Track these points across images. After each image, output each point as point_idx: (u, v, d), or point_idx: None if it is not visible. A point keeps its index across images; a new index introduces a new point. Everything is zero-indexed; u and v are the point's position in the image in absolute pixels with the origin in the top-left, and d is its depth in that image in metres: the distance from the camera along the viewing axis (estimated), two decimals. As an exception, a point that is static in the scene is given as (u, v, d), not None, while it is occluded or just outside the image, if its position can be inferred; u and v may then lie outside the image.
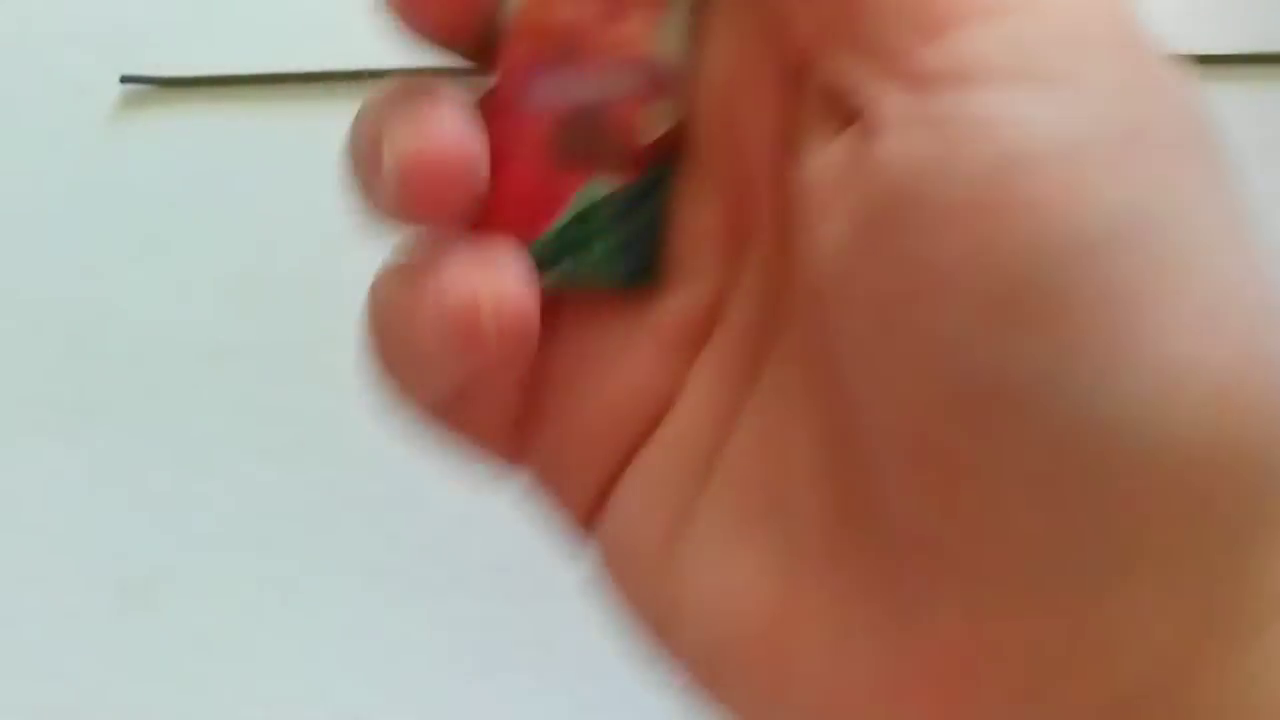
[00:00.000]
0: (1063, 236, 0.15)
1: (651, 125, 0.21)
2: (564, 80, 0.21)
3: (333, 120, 0.38)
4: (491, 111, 0.22)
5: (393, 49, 0.38)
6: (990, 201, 0.15)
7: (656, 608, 0.21)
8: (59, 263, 0.38)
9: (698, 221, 0.21)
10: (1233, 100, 0.36)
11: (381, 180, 0.20)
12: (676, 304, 0.21)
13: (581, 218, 0.21)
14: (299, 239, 0.38)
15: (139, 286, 0.38)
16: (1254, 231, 0.16)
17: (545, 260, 0.21)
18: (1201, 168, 0.16)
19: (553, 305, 0.22)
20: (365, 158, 0.21)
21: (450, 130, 0.20)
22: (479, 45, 0.22)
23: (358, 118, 0.22)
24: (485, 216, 0.22)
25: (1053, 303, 0.15)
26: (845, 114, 0.18)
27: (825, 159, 0.18)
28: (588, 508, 0.22)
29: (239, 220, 0.38)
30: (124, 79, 0.40)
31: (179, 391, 0.37)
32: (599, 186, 0.21)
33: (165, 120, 0.40)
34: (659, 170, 0.21)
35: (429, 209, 0.21)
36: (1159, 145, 0.16)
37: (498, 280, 0.20)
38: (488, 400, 0.22)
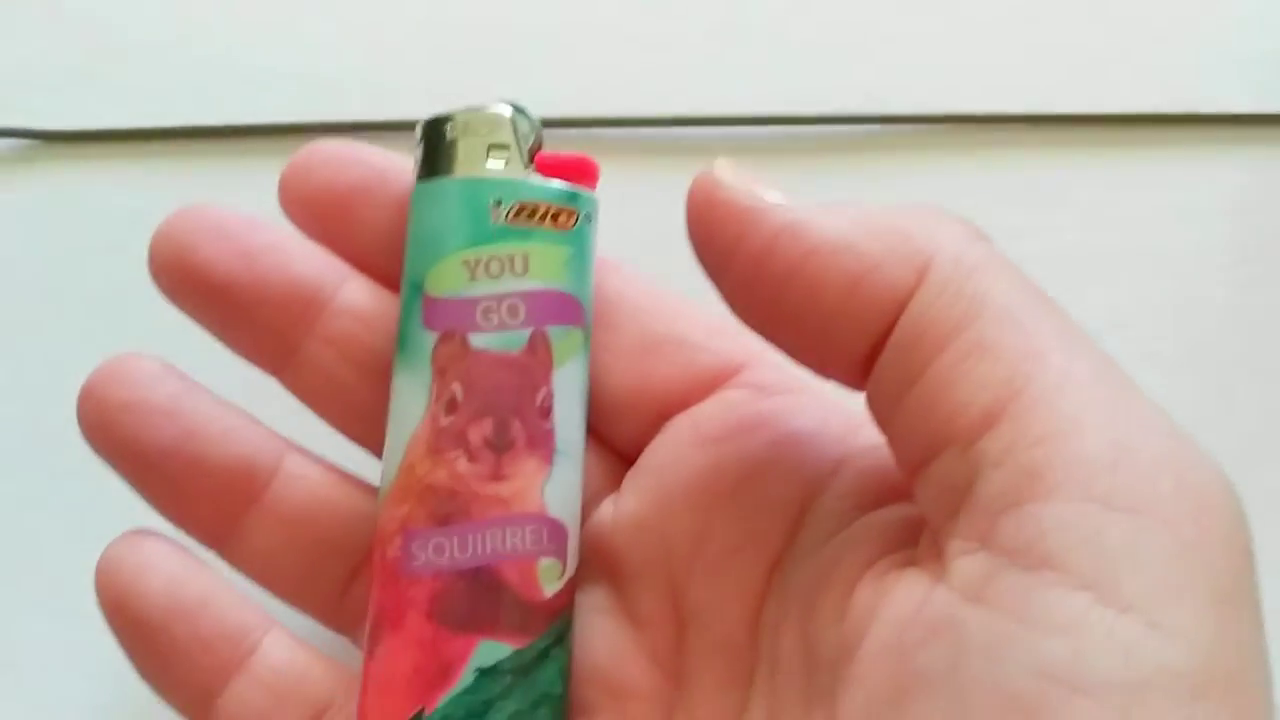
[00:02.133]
0: None
1: (546, 583, 0.21)
2: (450, 540, 0.21)
3: (228, 177, 0.36)
4: (377, 575, 0.22)
5: (300, 102, 0.35)
6: (1033, 700, 0.15)
7: None
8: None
9: (620, 678, 0.22)
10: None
11: None
12: None
13: (480, 683, 0.21)
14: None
15: (5, 362, 0.34)
16: None
17: None
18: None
19: None
20: None
21: None
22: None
23: None
24: (378, 682, 0.22)
25: None
26: (905, 542, 0.19)
27: (896, 602, 0.18)
28: None
29: (132, 295, 0.34)
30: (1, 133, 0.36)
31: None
32: (495, 649, 0.21)
33: (46, 179, 0.36)
34: (556, 628, 0.21)
35: None
36: (1229, 705, 0.15)
37: None
38: None
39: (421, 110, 0.34)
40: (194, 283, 0.25)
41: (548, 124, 0.25)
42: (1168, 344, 0.34)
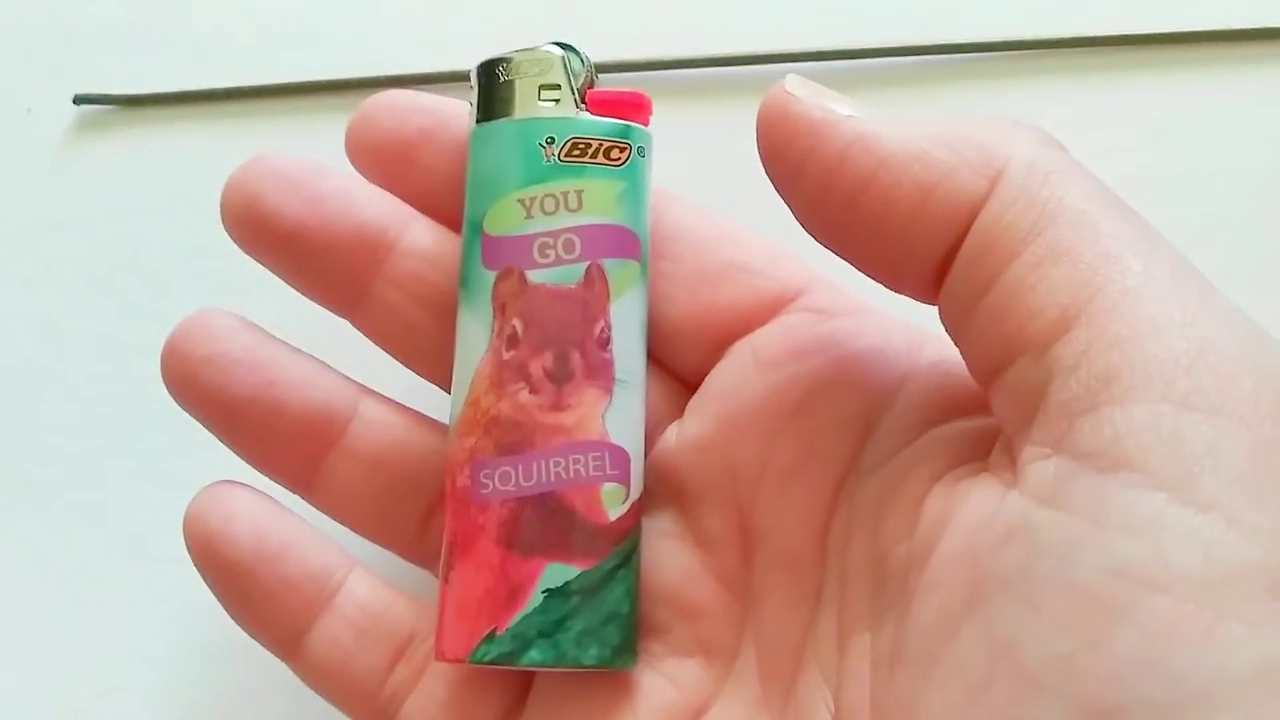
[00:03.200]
0: (1186, 670, 0.14)
1: (611, 506, 0.22)
2: (516, 469, 0.22)
3: (302, 134, 0.36)
4: (449, 504, 0.23)
5: (364, 57, 0.36)
6: (1116, 601, 0.15)
7: None
8: (9, 296, 0.36)
9: (689, 597, 0.23)
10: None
11: None
12: (661, 696, 0.22)
13: (549, 604, 0.22)
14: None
15: (94, 321, 0.35)
16: None
17: (517, 646, 0.22)
18: None
19: (531, 677, 0.24)
20: None
21: None
22: None
23: None
24: (452, 605, 0.23)
25: None
26: (974, 454, 0.19)
27: (969, 509, 0.18)
28: None
29: (211, 255, 0.35)
30: (78, 99, 0.37)
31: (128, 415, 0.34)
32: (562, 571, 0.22)
33: (126, 144, 0.37)
34: (622, 550, 0.22)
35: None
36: None
37: None
38: None
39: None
40: (264, 230, 0.25)
41: (602, 69, 0.25)
42: (1242, 262, 0.33)
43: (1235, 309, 0.17)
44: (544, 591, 0.22)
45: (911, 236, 0.19)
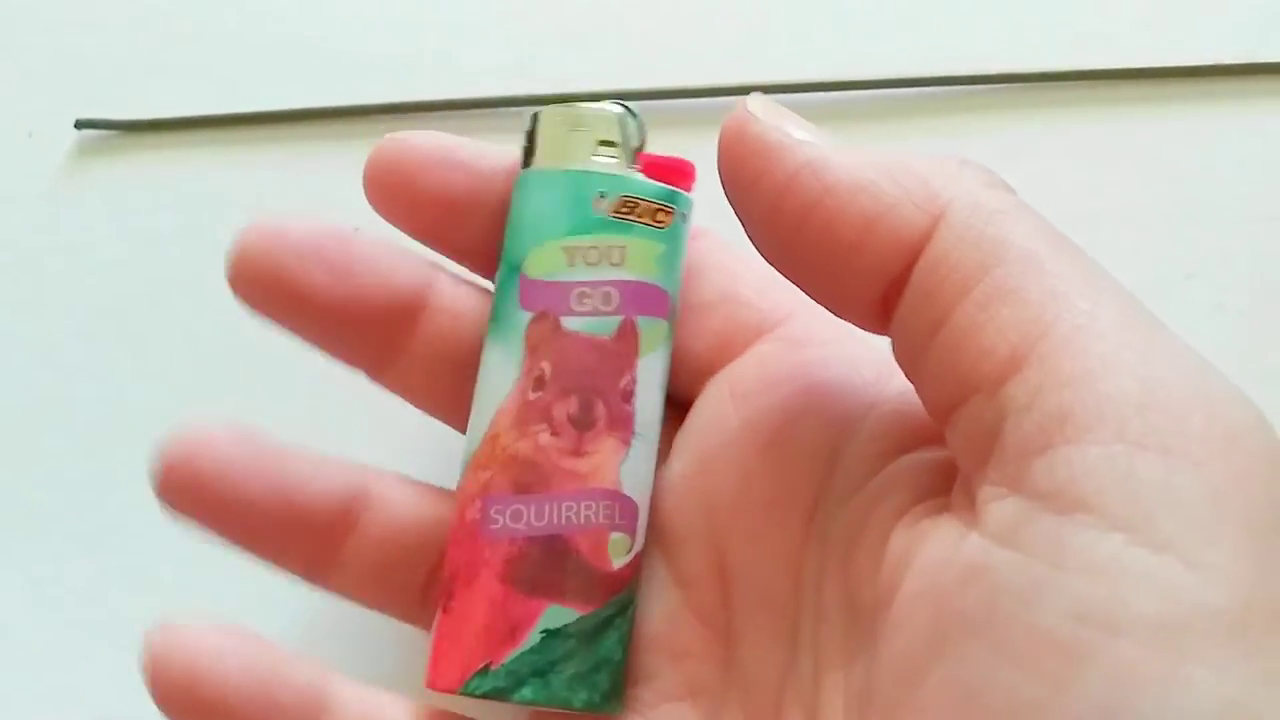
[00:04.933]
0: (1148, 715, 0.14)
1: (615, 555, 0.22)
2: (527, 508, 0.22)
3: (305, 161, 0.36)
4: (454, 534, 0.24)
5: (370, 85, 0.36)
6: (1071, 643, 0.15)
7: None
8: (8, 318, 0.36)
9: (674, 639, 0.23)
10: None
11: None
12: None
13: (545, 644, 0.22)
14: None
15: (95, 345, 0.35)
16: None
17: (510, 683, 0.22)
18: None
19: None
20: None
21: None
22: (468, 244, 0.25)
23: None
24: (449, 634, 0.23)
25: None
26: (937, 488, 0.19)
27: (931, 549, 0.18)
28: None
29: (209, 280, 0.35)
30: (79, 124, 0.37)
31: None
32: (561, 613, 0.22)
33: (125, 169, 0.37)
34: (621, 599, 0.22)
35: None
36: (1271, 643, 0.15)
37: None
38: None
39: (493, 89, 0.35)
40: (287, 300, 0.25)
41: (617, 96, 0.25)
42: (1237, 295, 0.34)
43: (1185, 346, 0.18)
44: (543, 631, 0.22)
45: (855, 266, 0.19)
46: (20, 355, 0.36)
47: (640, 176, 0.23)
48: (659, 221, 0.23)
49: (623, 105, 0.24)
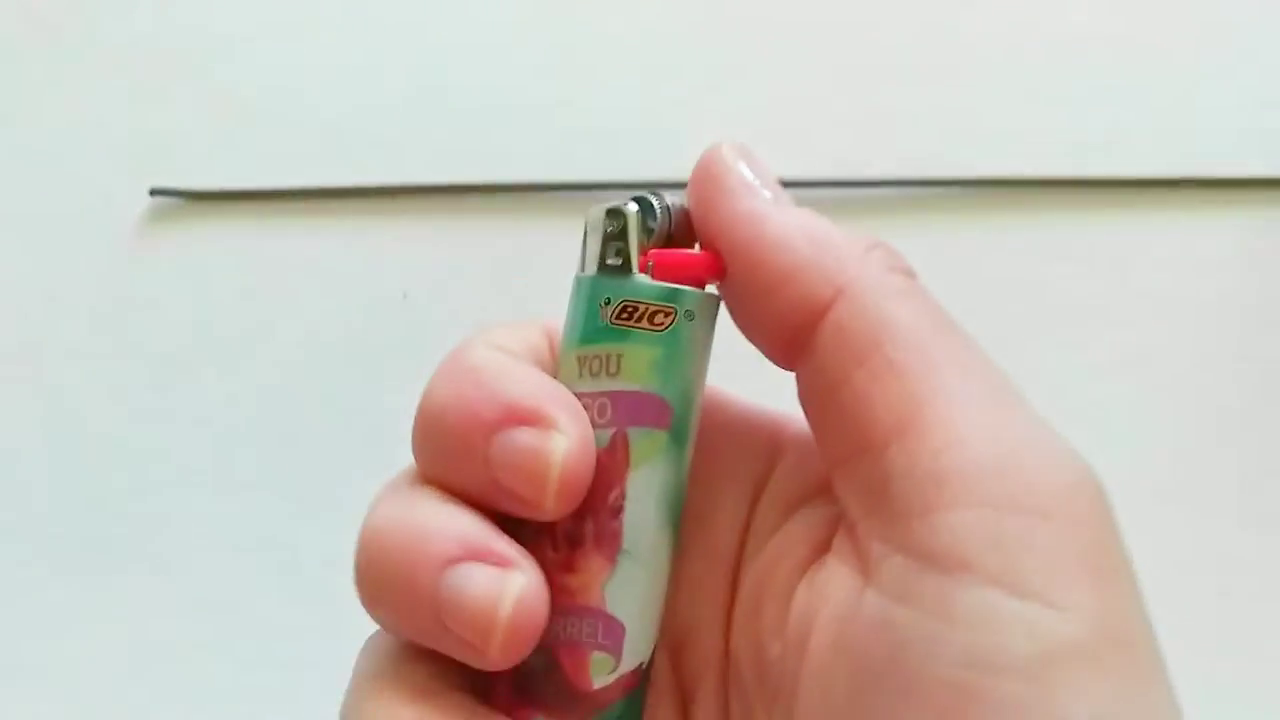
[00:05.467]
0: None
1: (596, 675, 0.22)
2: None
3: (365, 235, 0.41)
4: None
5: (424, 165, 0.40)
6: (965, 689, 0.18)
7: None
8: (87, 376, 0.40)
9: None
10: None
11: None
12: None
13: None
14: (329, 358, 0.40)
15: (157, 411, 0.40)
16: None
17: None
18: (1150, 674, 0.19)
19: None
20: None
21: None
22: None
23: None
24: None
25: None
26: (833, 536, 0.21)
27: (832, 607, 0.20)
28: None
29: (268, 338, 0.40)
30: (153, 192, 0.41)
31: (198, 508, 0.39)
32: None
33: (194, 234, 0.41)
34: (609, 712, 0.22)
35: None
36: (1124, 659, 0.18)
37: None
38: None
39: (528, 174, 0.39)
40: None
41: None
42: (1178, 381, 0.38)
43: (1036, 415, 0.20)
44: None
45: (768, 308, 0.21)
46: (92, 398, 0.40)
47: (643, 278, 0.22)
48: (656, 324, 0.22)
49: (641, 200, 0.22)
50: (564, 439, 0.21)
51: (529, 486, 0.21)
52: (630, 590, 0.22)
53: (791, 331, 0.21)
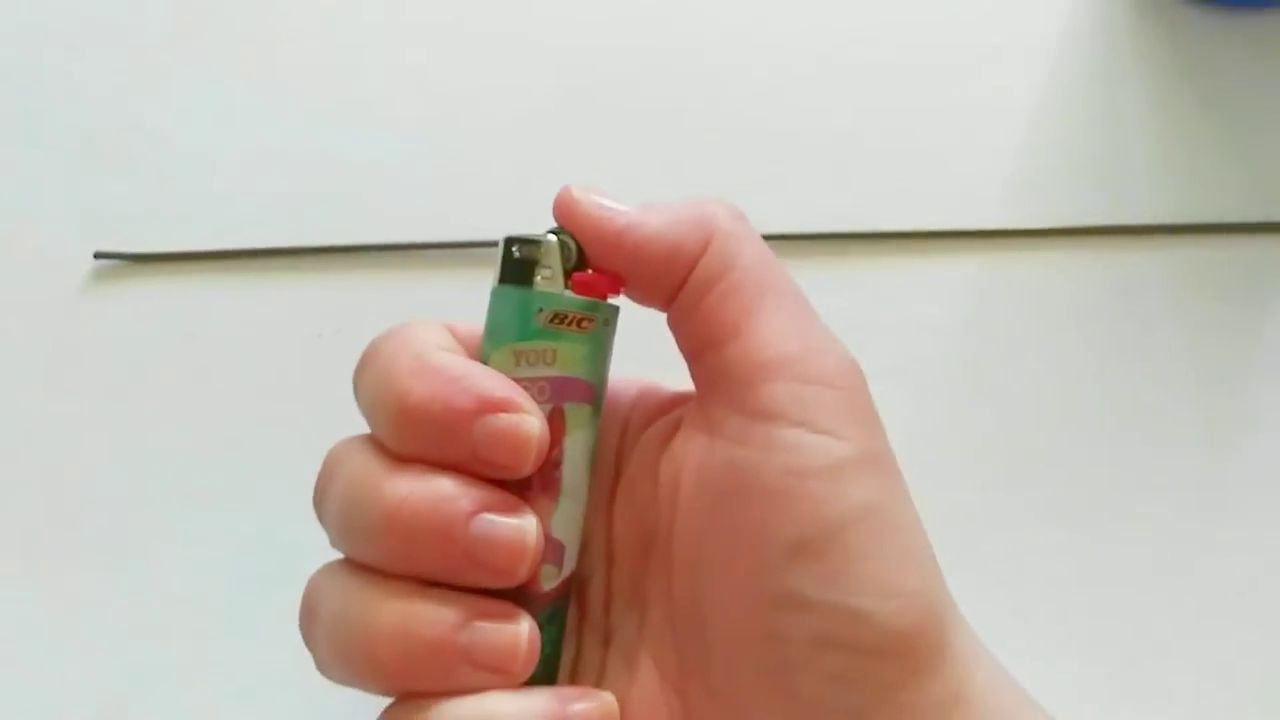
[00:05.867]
0: (832, 515, 0.26)
1: (545, 580, 0.29)
2: None
3: (301, 294, 0.46)
4: None
5: (360, 225, 0.45)
6: (789, 491, 0.27)
7: None
8: (29, 433, 0.45)
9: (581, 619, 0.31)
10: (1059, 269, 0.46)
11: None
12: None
13: None
14: (268, 413, 0.45)
15: (108, 457, 0.45)
16: (916, 514, 0.27)
17: None
18: (899, 481, 0.28)
19: None
20: None
21: None
22: None
23: None
24: None
25: (825, 550, 0.26)
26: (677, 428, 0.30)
27: (692, 460, 0.29)
28: None
29: (208, 393, 0.45)
30: (97, 255, 0.46)
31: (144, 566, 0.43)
32: None
33: (136, 295, 0.46)
34: (553, 608, 0.29)
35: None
36: (882, 469, 0.27)
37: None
38: None
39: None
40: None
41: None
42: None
43: (821, 324, 0.29)
44: None
45: (663, 279, 0.29)
46: (40, 444, 0.45)
47: (569, 294, 0.29)
48: (583, 328, 0.29)
49: (558, 234, 0.29)
50: (533, 419, 0.27)
51: (514, 457, 0.27)
52: (567, 520, 0.29)
53: (675, 285, 0.29)
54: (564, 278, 0.29)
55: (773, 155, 0.48)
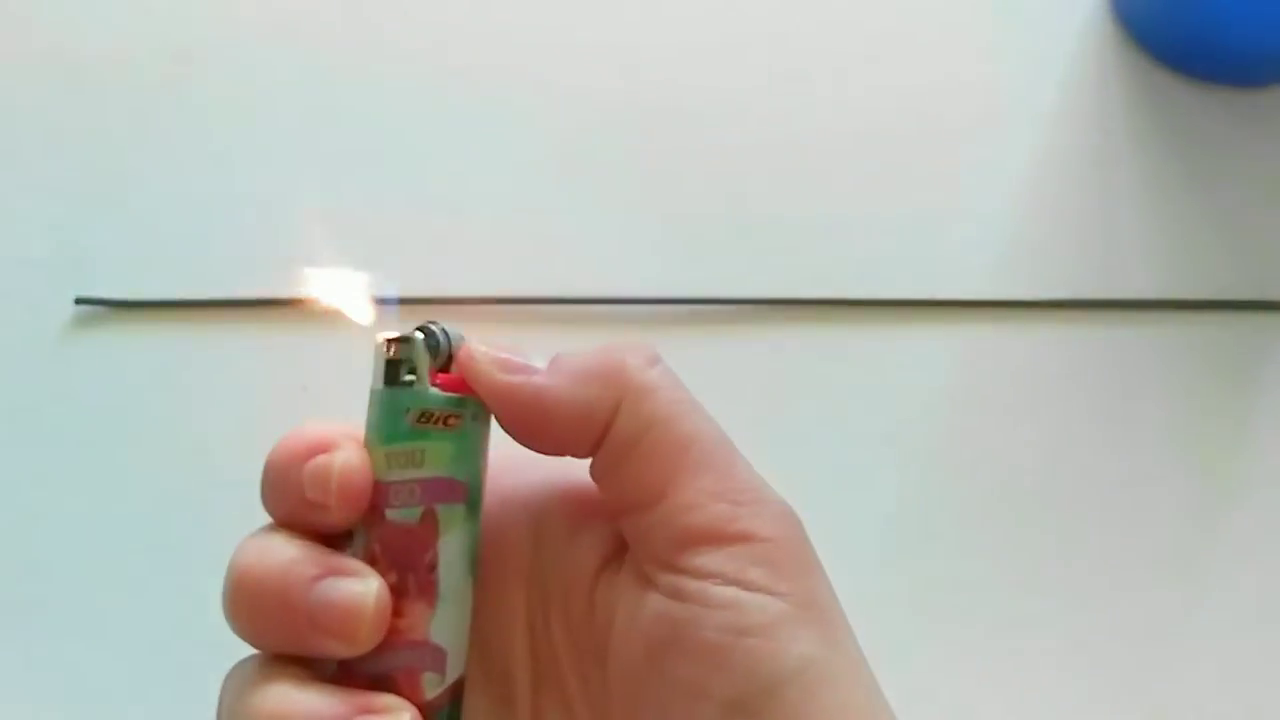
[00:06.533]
0: (769, 672, 0.26)
1: (429, 689, 0.28)
2: (368, 657, 0.28)
3: (285, 345, 0.45)
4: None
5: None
6: (725, 648, 0.26)
7: None
8: (4, 478, 0.45)
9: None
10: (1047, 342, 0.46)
11: None
12: None
13: None
14: (250, 466, 0.44)
15: (87, 502, 0.44)
16: (858, 659, 0.27)
17: None
18: (838, 628, 0.27)
19: None
20: None
21: None
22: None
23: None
24: None
25: (762, 708, 0.26)
26: (617, 552, 0.29)
27: (626, 604, 0.28)
28: None
29: (188, 443, 0.45)
30: (78, 300, 0.46)
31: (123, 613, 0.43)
32: None
33: (117, 341, 0.46)
34: (441, 715, 0.28)
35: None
36: (820, 620, 0.27)
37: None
38: None
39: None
40: None
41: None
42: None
43: (751, 468, 0.28)
44: None
45: (575, 438, 0.28)
46: (20, 485, 0.44)
47: (433, 391, 0.28)
48: (450, 425, 0.28)
49: (425, 329, 0.28)
50: (342, 454, 0.27)
51: (321, 493, 0.27)
52: (448, 625, 0.29)
53: (590, 445, 0.28)
54: (428, 378, 0.28)
55: (765, 221, 0.48)
